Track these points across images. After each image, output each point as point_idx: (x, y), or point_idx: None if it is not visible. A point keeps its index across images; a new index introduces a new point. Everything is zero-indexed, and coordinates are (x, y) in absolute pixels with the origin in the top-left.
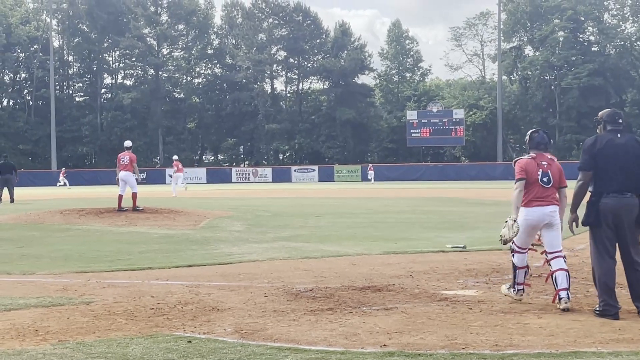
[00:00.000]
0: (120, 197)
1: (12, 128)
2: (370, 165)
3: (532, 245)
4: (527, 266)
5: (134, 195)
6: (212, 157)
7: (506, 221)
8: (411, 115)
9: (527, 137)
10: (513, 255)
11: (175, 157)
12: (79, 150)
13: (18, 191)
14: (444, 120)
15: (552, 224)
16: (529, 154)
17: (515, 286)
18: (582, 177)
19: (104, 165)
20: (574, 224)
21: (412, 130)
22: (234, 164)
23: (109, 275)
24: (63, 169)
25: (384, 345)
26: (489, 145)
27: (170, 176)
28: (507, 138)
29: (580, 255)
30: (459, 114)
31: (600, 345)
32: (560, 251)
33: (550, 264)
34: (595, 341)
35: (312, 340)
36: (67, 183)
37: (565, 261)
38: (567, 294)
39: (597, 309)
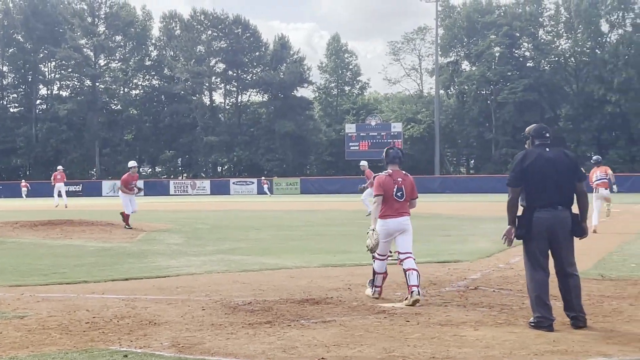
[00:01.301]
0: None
1: None
2: (264, 178)
3: (390, 252)
4: (386, 273)
5: (122, 214)
6: (150, 170)
7: (367, 232)
8: (350, 128)
9: (384, 153)
10: (374, 262)
11: (59, 167)
12: (13, 162)
13: None
14: (382, 133)
15: (405, 230)
16: (386, 169)
17: (374, 287)
18: (511, 193)
19: (38, 178)
20: (507, 236)
21: (350, 144)
22: (172, 176)
23: (43, 289)
24: (23, 180)
25: (322, 358)
26: (427, 158)
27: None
28: (445, 152)
29: (515, 268)
30: (397, 127)
31: (535, 356)
32: (410, 253)
33: (402, 263)
34: (531, 353)
35: (250, 353)
36: (25, 195)
37: (414, 261)
38: (418, 289)
39: (532, 321)
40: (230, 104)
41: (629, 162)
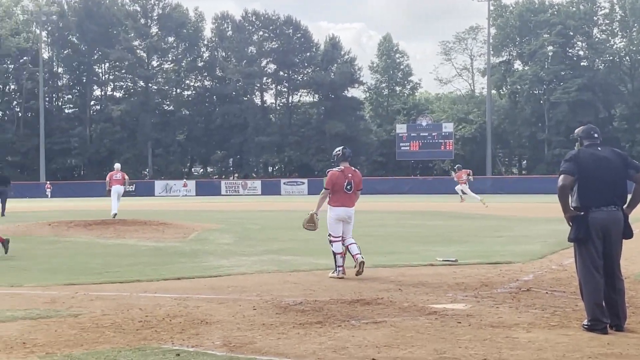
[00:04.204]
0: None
1: (0, 140)
2: (48, 183)
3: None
4: (343, 252)
5: None
6: (202, 170)
7: (308, 215)
8: (401, 128)
9: (340, 152)
10: (332, 244)
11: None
12: (67, 162)
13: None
14: (433, 133)
15: (351, 218)
16: (338, 165)
17: (337, 268)
18: (563, 180)
19: (93, 177)
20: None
21: (401, 144)
22: (223, 176)
23: (97, 288)
24: (47, 182)
25: (373, 359)
26: (478, 159)
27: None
28: (496, 152)
29: (568, 270)
30: (448, 127)
31: (589, 359)
32: (341, 235)
33: (332, 245)
34: (584, 355)
35: (301, 353)
36: (49, 195)
37: (342, 245)
38: (361, 255)
39: (586, 323)
40: (281, 104)
41: None
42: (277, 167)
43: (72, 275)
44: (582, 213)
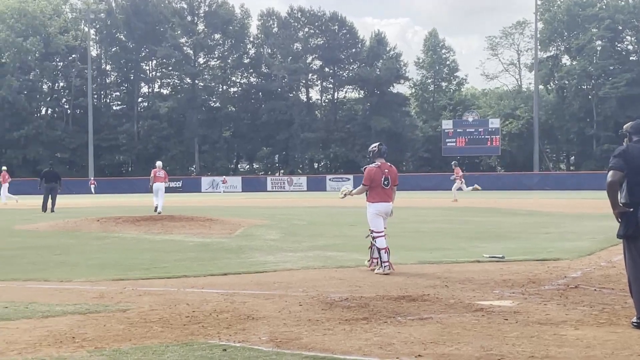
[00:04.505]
0: None
1: (50, 137)
2: (92, 179)
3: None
4: (387, 247)
5: None
6: (248, 166)
7: (345, 191)
8: (447, 124)
9: (376, 149)
10: (375, 241)
11: (3, 167)
12: (115, 158)
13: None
14: (479, 129)
15: (388, 213)
16: (374, 162)
17: (383, 264)
18: (612, 176)
19: (140, 174)
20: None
21: (447, 140)
22: (269, 172)
23: (145, 283)
24: (92, 178)
25: (419, 355)
26: (525, 154)
27: None
28: (544, 148)
29: (617, 267)
30: (495, 123)
31: (638, 357)
32: (383, 230)
33: (375, 241)
34: (633, 353)
35: (347, 349)
36: (93, 191)
37: (386, 239)
38: (389, 264)
39: (635, 321)
40: (326, 100)
41: None
42: (322, 163)
43: (120, 270)
44: (632, 209)
